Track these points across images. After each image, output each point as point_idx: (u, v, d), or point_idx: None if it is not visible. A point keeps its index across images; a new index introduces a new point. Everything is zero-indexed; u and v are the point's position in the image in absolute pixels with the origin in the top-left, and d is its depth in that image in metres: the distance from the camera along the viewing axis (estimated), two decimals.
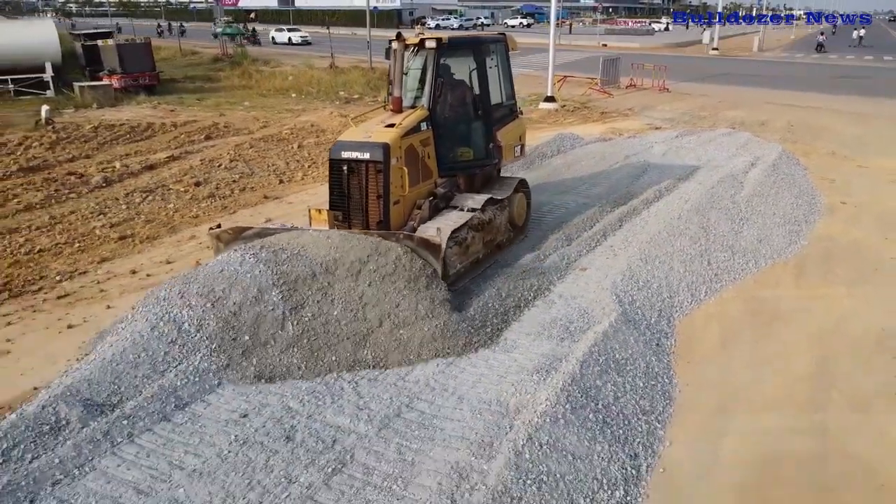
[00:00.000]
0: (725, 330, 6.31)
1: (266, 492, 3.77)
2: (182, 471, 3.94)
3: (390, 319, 5.44)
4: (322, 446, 4.18)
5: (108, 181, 10.94)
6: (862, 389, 5.34)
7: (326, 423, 4.43)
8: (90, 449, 4.07)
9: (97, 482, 3.86)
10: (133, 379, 4.72)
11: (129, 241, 8.28)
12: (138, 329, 5.07)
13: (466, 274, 6.83)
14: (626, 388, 5.03)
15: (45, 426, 4.15)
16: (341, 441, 4.24)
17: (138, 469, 3.97)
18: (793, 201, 9.66)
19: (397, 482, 3.86)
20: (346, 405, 4.68)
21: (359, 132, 6.82)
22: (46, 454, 3.99)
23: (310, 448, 4.16)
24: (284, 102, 21.34)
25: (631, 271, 6.96)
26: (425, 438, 4.28)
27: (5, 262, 7.51)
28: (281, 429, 4.34)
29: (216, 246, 6.45)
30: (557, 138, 13.82)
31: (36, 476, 3.81)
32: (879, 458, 4.54)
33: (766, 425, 4.90)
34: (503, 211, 7.67)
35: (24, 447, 4.00)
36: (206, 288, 5.33)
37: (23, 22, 27.26)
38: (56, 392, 4.46)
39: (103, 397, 4.56)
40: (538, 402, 4.51)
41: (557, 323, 5.88)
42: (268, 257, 5.57)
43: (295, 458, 4.05)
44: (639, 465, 4.35)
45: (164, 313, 5.16)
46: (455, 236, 6.49)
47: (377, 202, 6.57)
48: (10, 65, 21.69)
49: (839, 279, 7.44)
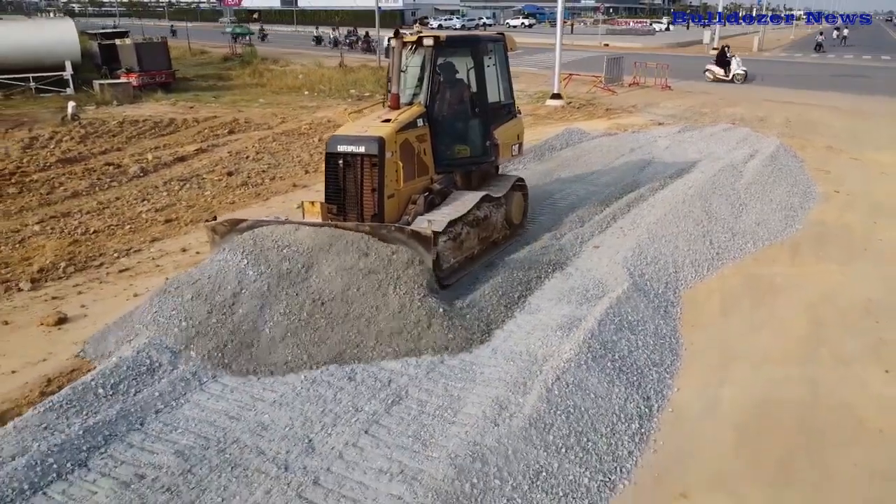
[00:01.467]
0: (726, 300, 6.97)
1: (338, 417, 4.46)
2: (264, 402, 4.63)
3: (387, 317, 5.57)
4: (380, 385, 4.87)
5: (144, 171, 11.62)
6: (848, 348, 6.01)
7: (381, 368, 5.12)
8: (182, 385, 4.76)
9: (192, 410, 4.55)
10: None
11: (174, 223, 8.95)
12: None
13: (460, 270, 6.92)
14: (638, 344, 5.69)
15: (142, 367, 4.85)
16: (396, 381, 4.93)
17: (226, 401, 4.66)
18: (789, 189, 10.33)
19: (447, 411, 4.55)
20: None
21: (355, 127, 6.93)
22: (147, 389, 4.68)
23: (370, 386, 4.85)
24: (298, 100, 22.01)
25: (640, 248, 7.63)
26: (467, 380, 4.96)
27: (66, 241, 8.18)
28: (343, 371, 5.02)
29: (212, 238, 6.56)
30: (566, 132, 14.50)
31: (142, 405, 4.50)
32: (862, 404, 5.19)
33: (762, 377, 5.56)
34: (500, 208, 7.79)
35: (128, 383, 4.69)
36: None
37: (44, 21, 27.94)
38: (144, 342, 5.14)
39: (181, 348, 5.24)
40: (563, 352, 5.18)
41: (575, 291, 6.56)
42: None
43: (358, 393, 4.74)
44: (651, 406, 5.02)
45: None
46: (449, 231, 6.59)
47: (372, 196, 6.66)
48: (34, 63, 22.36)
49: (831, 258, 8.11)
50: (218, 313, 5.36)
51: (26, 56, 22.34)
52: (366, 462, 4.09)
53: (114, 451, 4.18)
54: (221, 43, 44.90)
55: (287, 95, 23.12)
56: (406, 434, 4.32)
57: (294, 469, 4.04)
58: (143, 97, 21.99)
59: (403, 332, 5.38)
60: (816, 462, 4.50)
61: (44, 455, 3.99)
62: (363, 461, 4.09)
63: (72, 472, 4.00)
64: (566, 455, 4.26)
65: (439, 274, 6.43)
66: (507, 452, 4.12)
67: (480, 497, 3.81)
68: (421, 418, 4.48)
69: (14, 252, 7.90)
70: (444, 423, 4.44)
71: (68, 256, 7.68)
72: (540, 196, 9.87)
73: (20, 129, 16.32)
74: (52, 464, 3.97)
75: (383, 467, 4.02)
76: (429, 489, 3.78)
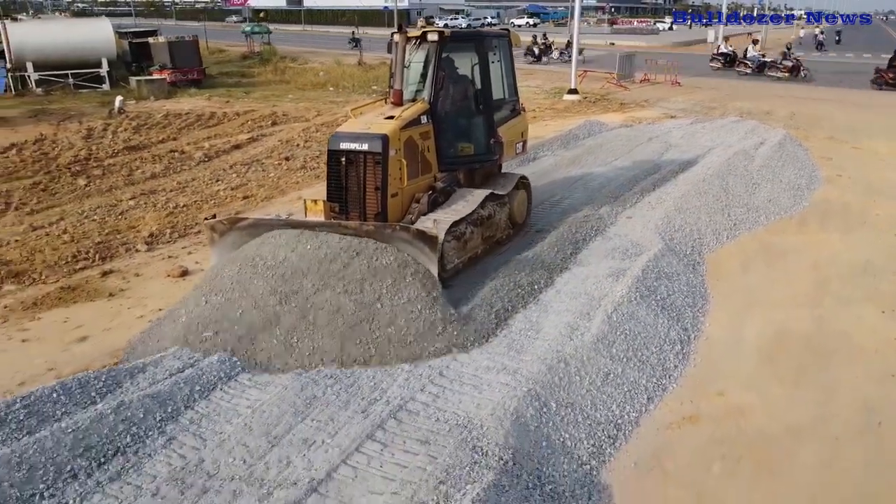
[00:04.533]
0: (744, 261, 8.09)
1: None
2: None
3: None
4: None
5: (207, 157, 12.75)
6: (848, 295, 7.14)
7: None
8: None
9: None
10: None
11: (251, 199, 10.09)
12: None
13: (462, 270, 6.92)
14: (674, 290, 6.82)
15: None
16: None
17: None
18: (796, 173, 11.44)
19: (530, 332, 5.71)
20: None
21: (358, 124, 6.81)
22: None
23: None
24: (325, 95, 23.12)
25: (668, 219, 8.76)
26: (541, 311, 6.11)
27: (162, 213, 9.32)
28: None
29: (210, 237, 6.45)
30: (586, 124, 15.65)
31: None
32: (861, 334, 6.30)
33: (777, 316, 6.67)
34: (503, 207, 7.74)
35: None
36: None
37: (81, 21, 29.08)
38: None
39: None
40: (616, 292, 6.32)
41: (617, 250, 7.69)
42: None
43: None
44: (689, 335, 6.15)
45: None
46: (454, 230, 6.52)
47: (375, 194, 6.56)
48: (73, 61, 23.47)
49: (834, 228, 9.23)
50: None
51: (66, 54, 23.45)
52: (474, 363, 5.24)
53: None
54: (235, 42, 46.01)
55: (313, 91, 24.23)
56: (502, 345, 5.47)
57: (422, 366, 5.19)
58: (176, 93, 23.12)
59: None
60: (824, 372, 5.63)
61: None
62: (472, 362, 5.25)
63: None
64: (627, 363, 5.40)
65: (443, 275, 6.27)
66: (583, 358, 5.26)
67: (567, 387, 4.95)
68: (510, 336, 5.63)
69: (119, 222, 9.03)
70: (529, 339, 5.59)
71: (170, 225, 8.81)
72: (573, 177, 11.02)
73: (70, 122, 17.47)
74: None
75: (489, 366, 5.16)
76: (528, 378, 4.93)
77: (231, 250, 6.28)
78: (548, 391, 4.83)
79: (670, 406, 5.10)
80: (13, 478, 3.79)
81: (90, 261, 7.62)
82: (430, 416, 4.49)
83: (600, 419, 4.78)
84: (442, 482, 3.68)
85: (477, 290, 6.42)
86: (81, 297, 6.71)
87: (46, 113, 18.92)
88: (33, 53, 22.89)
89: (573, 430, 4.60)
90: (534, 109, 18.52)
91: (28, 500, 3.75)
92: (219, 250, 6.42)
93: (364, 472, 3.91)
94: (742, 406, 5.14)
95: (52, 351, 5.65)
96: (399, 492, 3.68)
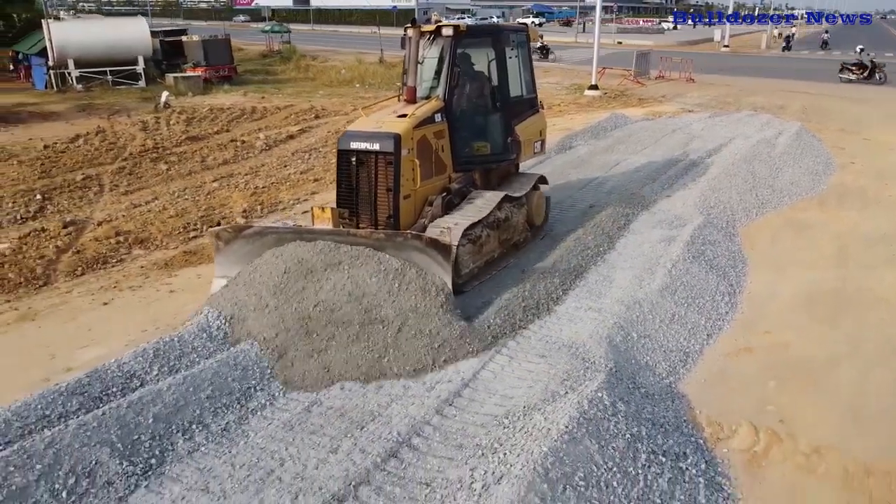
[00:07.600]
0: (773, 233, 9.11)
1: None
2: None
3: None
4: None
5: (268, 146, 13.78)
6: (868, 259, 8.16)
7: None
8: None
9: None
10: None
11: (322, 181, 11.12)
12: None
13: (479, 275, 6.62)
14: (717, 254, 7.86)
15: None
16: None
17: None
18: (814, 160, 12.47)
19: (604, 282, 6.78)
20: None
21: (369, 122, 6.55)
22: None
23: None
24: (353, 91, 24.14)
25: (703, 197, 9.79)
26: (609, 268, 7.17)
27: (247, 193, 10.35)
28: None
29: (216, 245, 6.18)
30: (612, 117, 16.68)
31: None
32: (882, 289, 7.30)
33: (806, 277, 7.69)
34: (521, 209, 7.46)
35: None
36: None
37: (120, 20, 30.09)
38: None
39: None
40: (671, 252, 7.36)
41: (663, 222, 8.73)
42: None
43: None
44: (734, 289, 7.17)
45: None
46: (469, 233, 6.28)
47: (387, 196, 6.30)
48: (111, 58, 24.48)
49: (851, 207, 10.25)
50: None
51: (105, 52, 24.47)
52: (562, 307, 6.28)
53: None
54: (248, 40, 47.02)
55: (341, 88, 25.27)
56: (583, 292, 6.53)
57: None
58: (211, 89, 24.13)
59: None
60: (853, 316, 6.66)
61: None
62: (562, 306, 6.28)
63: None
64: (688, 308, 6.43)
65: (457, 281, 5.99)
66: (652, 301, 6.30)
67: (643, 322, 5.99)
68: (588, 286, 6.69)
69: (210, 201, 10.06)
70: (604, 287, 6.66)
71: (258, 203, 9.83)
72: (609, 163, 12.07)
73: (118, 116, 18.50)
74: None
75: (577, 306, 6.23)
76: (610, 314, 5.99)
77: (237, 259, 6.08)
78: (629, 324, 5.88)
79: (727, 341, 6.13)
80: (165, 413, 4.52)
81: (199, 231, 8.64)
82: (541, 340, 5.54)
83: (672, 348, 5.81)
84: (565, 379, 4.71)
85: (549, 252, 7.47)
86: (203, 260, 7.72)
87: (93, 108, 19.96)
88: (75, 51, 23.89)
89: (652, 355, 5.63)
90: (559, 104, 19.58)
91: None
92: (224, 258, 6.19)
93: (500, 374, 4.96)
94: (787, 341, 6.16)
95: (199, 298, 6.66)
96: (534, 385, 4.71)
